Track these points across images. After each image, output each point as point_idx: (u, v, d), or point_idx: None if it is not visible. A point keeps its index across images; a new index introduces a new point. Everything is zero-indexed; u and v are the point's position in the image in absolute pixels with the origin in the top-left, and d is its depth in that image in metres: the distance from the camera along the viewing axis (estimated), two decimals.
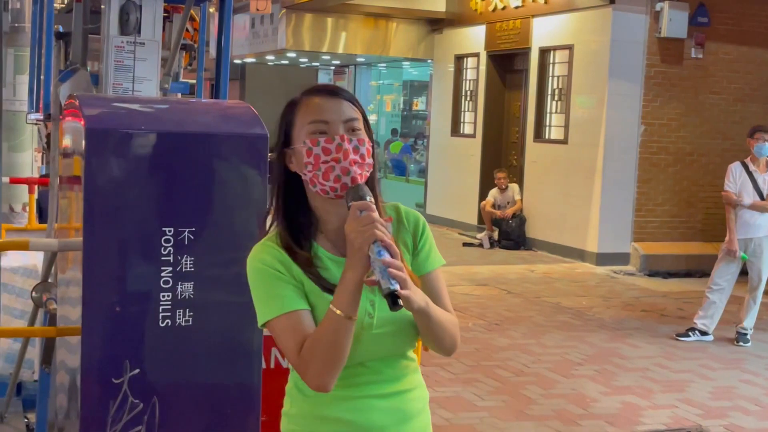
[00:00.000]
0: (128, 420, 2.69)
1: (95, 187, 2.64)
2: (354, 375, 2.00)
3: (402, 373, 2.07)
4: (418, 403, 2.10)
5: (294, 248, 1.99)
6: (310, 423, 2.03)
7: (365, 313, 1.98)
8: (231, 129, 2.85)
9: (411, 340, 2.06)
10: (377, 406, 2.01)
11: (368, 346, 1.99)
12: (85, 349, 2.67)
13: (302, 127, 2.00)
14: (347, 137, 1.96)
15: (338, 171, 1.93)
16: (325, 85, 2.08)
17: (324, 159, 1.94)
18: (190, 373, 2.77)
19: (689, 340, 7.75)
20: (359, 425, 2.00)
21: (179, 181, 2.71)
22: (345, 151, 1.94)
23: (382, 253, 1.83)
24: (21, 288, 4.94)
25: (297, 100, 2.05)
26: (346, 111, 2.00)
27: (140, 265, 2.68)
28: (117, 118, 2.81)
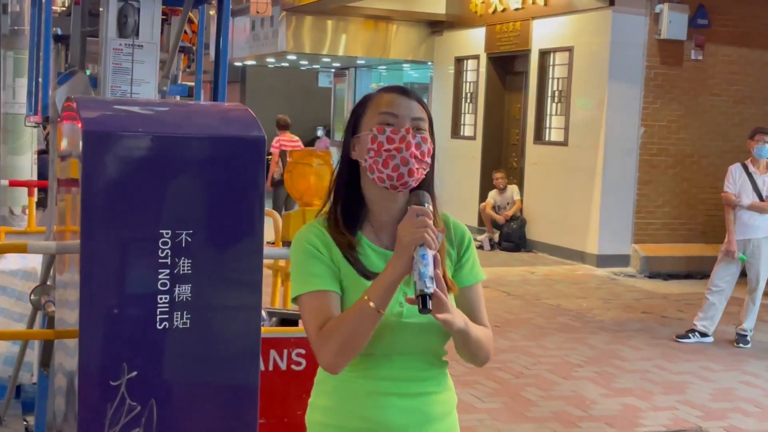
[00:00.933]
0: (126, 422, 2.68)
1: (92, 190, 2.64)
2: (379, 367, 2.05)
3: (428, 374, 2.11)
4: (442, 407, 2.14)
5: (340, 231, 2.08)
6: (334, 414, 2.09)
7: (396, 301, 2.03)
8: (229, 131, 2.84)
9: (441, 337, 2.11)
10: (398, 404, 2.05)
11: (397, 335, 2.04)
12: (83, 351, 2.67)
13: (372, 116, 2.09)
14: (412, 132, 2.06)
15: (398, 160, 2.03)
16: (399, 86, 2.18)
17: (387, 147, 2.04)
18: (188, 375, 2.76)
19: (689, 341, 7.75)
20: (378, 423, 2.05)
21: (177, 184, 2.70)
22: (408, 142, 2.04)
23: (426, 257, 1.90)
24: (20, 291, 4.94)
25: (370, 96, 2.16)
26: (415, 110, 2.10)
27: (138, 267, 2.68)
28: (115, 120, 2.80)
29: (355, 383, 2.05)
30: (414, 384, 2.08)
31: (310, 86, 22.35)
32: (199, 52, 4.33)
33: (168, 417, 2.74)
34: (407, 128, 2.05)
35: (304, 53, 16.04)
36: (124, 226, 2.66)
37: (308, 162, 5.14)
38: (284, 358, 3.68)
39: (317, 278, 2.03)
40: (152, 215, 2.69)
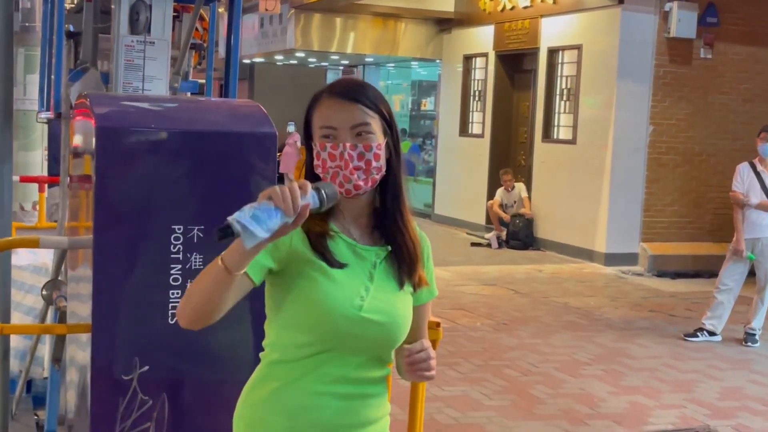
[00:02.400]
0: (138, 416, 2.71)
1: (105, 185, 2.66)
2: (323, 365, 1.99)
3: (374, 376, 2.06)
4: (377, 411, 2.09)
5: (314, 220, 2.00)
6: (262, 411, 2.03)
7: (357, 295, 2.01)
8: (240, 127, 2.87)
9: (395, 342, 2.07)
10: (333, 405, 2.01)
11: (353, 328, 1.99)
12: (95, 346, 2.70)
13: (317, 129, 2.06)
14: (351, 144, 2.01)
15: (341, 178, 2.00)
16: (345, 84, 2.09)
17: (329, 164, 2.01)
18: (198, 370, 2.78)
19: (697, 340, 7.75)
20: (309, 420, 2.00)
21: (189, 179, 2.73)
22: (346, 160, 2.00)
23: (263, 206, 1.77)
24: (31, 285, 4.97)
25: (318, 97, 2.10)
26: (357, 116, 2.03)
27: (150, 262, 2.70)
28: (127, 116, 2.83)
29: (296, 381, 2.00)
30: (356, 385, 2.03)
31: (318, 84, 22.35)
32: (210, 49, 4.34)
33: (179, 411, 2.76)
34: (344, 143, 2.00)
35: (312, 51, 16.05)
36: (137, 221, 2.69)
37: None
38: None
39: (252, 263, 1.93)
40: (164, 210, 2.71)
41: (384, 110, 2.07)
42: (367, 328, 2.00)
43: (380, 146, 2.03)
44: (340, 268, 2.00)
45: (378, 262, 2.07)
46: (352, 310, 1.99)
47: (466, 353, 7.02)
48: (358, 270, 2.03)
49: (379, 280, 2.05)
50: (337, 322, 1.97)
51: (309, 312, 1.98)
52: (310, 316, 1.98)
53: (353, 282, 2.01)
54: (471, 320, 8.19)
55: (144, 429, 2.71)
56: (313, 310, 1.98)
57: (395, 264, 2.08)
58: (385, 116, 2.07)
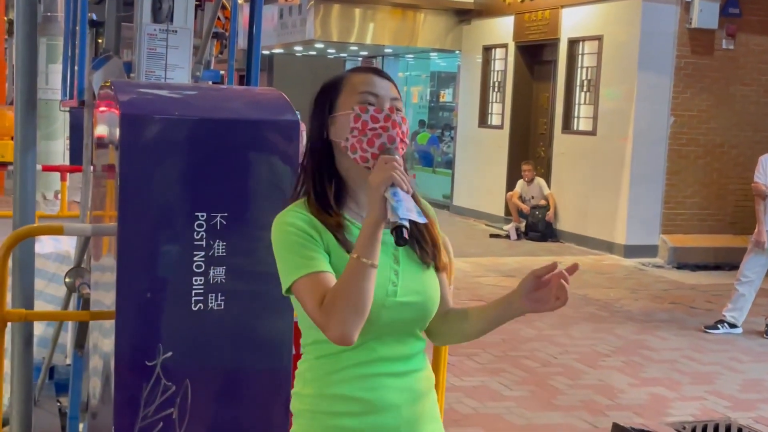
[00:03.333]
0: (161, 402, 2.72)
1: (129, 172, 2.67)
2: (368, 351, 2.01)
3: (413, 352, 2.08)
4: (427, 383, 2.12)
5: (326, 212, 2.03)
6: (322, 402, 2.03)
7: (389, 281, 2.01)
8: (263, 115, 2.87)
9: (430, 314, 2.09)
10: (391, 384, 2.02)
11: (394, 314, 2.01)
12: (119, 332, 2.71)
13: (350, 95, 2.06)
14: (395, 110, 2.04)
15: (384, 138, 2.00)
16: (371, 66, 2.20)
17: (372, 126, 2.00)
18: (221, 356, 2.79)
19: (718, 332, 7.71)
20: (373, 404, 2.01)
21: (212, 167, 2.73)
22: (393, 121, 2.01)
23: (398, 194, 1.85)
24: (54, 273, 5.00)
25: (343, 76, 2.12)
26: (392, 90, 2.09)
27: (173, 249, 2.71)
28: (151, 103, 2.84)
29: (345, 370, 2.00)
30: (404, 362, 2.05)
31: None
32: (232, 38, 4.34)
33: (201, 398, 2.78)
34: (391, 107, 2.03)
35: (331, 41, 16.04)
36: (160, 208, 2.70)
37: None
38: None
39: (315, 260, 1.96)
40: (188, 198, 2.72)
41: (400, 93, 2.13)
42: (405, 310, 2.03)
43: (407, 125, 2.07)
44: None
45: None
46: (388, 298, 2.00)
47: (485, 344, 7.02)
48: (381, 255, 1.99)
49: (404, 260, 2.06)
50: (378, 313, 1.97)
51: None
52: None
53: (382, 268, 1.99)
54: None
55: (167, 415, 2.73)
56: None
57: (415, 243, 2.09)
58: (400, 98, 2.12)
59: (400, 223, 1.82)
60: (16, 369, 3.58)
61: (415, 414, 2.06)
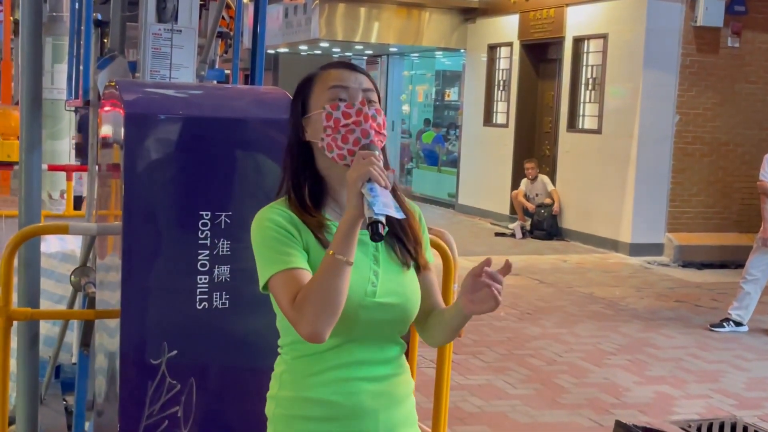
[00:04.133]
0: (166, 400, 2.73)
1: (134, 171, 2.68)
2: (346, 353, 1.98)
3: (392, 356, 2.05)
4: (405, 388, 2.09)
5: (308, 211, 2.01)
6: (298, 405, 2.00)
7: (368, 281, 1.98)
8: (267, 114, 2.88)
9: (410, 320, 2.05)
10: (367, 389, 1.99)
11: (372, 315, 1.97)
12: (124, 330, 2.72)
13: (321, 93, 2.03)
14: (366, 104, 1.99)
15: (358, 133, 1.96)
16: (342, 61, 2.11)
17: (344, 123, 1.97)
18: (226, 355, 2.80)
19: (723, 330, 7.70)
20: (350, 409, 1.98)
21: (216, 165, 2.74)
22: (366, 114, 1.97)
23: (375, 190, 1.83)
24: (59, 273, 5.02)
25: (314, 74, 2.09)
26: (364, 82, 2.04)
27: (178, 248, 2.72)
28: (155, 103, 2.85)
29: (322, 373, 1.98)
30: (382, 366, 2.02)
31: None
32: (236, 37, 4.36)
33: (207, 396, 2.79)
34: (361, 100, 1.98)
35: (336, 40, 16.04)
36: (165, 207, 2.71)
37: None
38: None
39: (291, 257, 1.93)
40: (192, 196, 2.73)
41: (377, 88, 2.09)
42: (384, 311, 1.99)
43: (384, 117, 2.03)
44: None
45: (379, 243, 2.02)
46: (367, 298, 1.97)
47: (491, 342, 7.02)
48: (361, 255, 1.99)
49: (384, 261, 2.03)
50: (356, 313, 1.95)
51: None
52: None
53: (361, 269, 1.98)
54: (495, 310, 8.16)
55: (172, 413, 2.74)
56: None
57: (395, 244, 2.06)
58: (377, 90, 2.08)
59: (375, 219, 1.79)
60: (21, 368, 3.59)
61: (392, 419, 2.03)
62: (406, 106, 20.60)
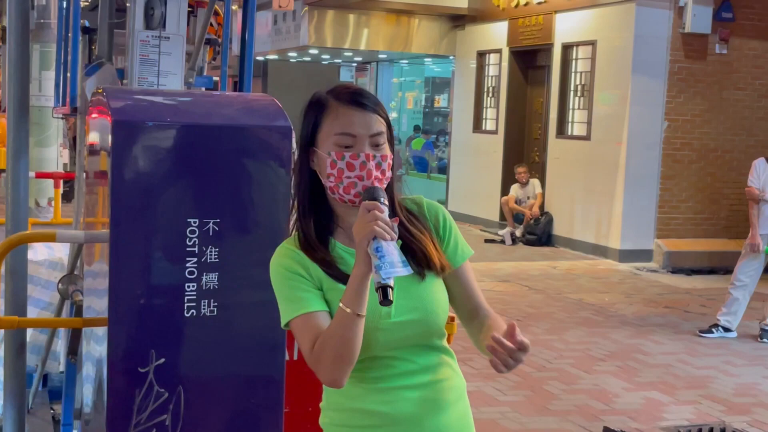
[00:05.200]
0: (154, 409, 2.72)
1: (121, 179, 2.67)
2: (385, 367, 2.04)
3: (431, 363, 2.08)
4: (452, 393, 2.11)
5: (313, 247, 2.04)
6: (344, 415, 2.08)
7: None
8: (255, 121, 2.87)
9: (437, 329, 2.08)
10: (408, 396, 2.04)
11: (391, 335, 2.02)
12: (112, 339, 2.71)
13: (329, 134, 2.02)
14: (371, 154, 2.00)
15: (359, 188, 1.99)
16: (354, 93, 2.06)
17: (347, 174, 1.99)
18: (214, 363, 2.79)
19: (712, 336, 7.72)
20: (391, 416, 2.03)
21: (204, 173, 2.73)
22: (368, 170, 1.99)
23: (381, 249, 1.87)
24: (47, 280, 4.99)
25: (325, 102, 2.06)
26: (374, 125, 2.03)
27: (166, 255, 2.71)
28: (143, 110, 2.84)
29: (363, 384, 2.04)
30: (420, 375, 2.06)
31: (331, 81, 22.39)
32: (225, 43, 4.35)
33: (195, 404, 2.77)
34: (366, 154, 1.98)
35: (326, 47, 16.05)
36: (153, 215, 2.70)
37: None
38: None
39: (304, 301, 2.00)
40: (180, 204, 2.72)
41: (386, 115, 2.09)
42: (403, 329, 2.03)
43: (392, 156, 2.05)
44: None
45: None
46: (382, 321, 2.00)
47: None
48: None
49: (397, 280, 2.00)
50: (374, 337, 2.00)
51: None
52: None
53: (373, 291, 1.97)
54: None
55: (160, 421, 2.72)
56: None
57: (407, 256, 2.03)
58: (388, 122, 2.08)
59: (383, 284, 1.85)
60: (9, 376, 3.57)
61: (439, 425, 2.06)
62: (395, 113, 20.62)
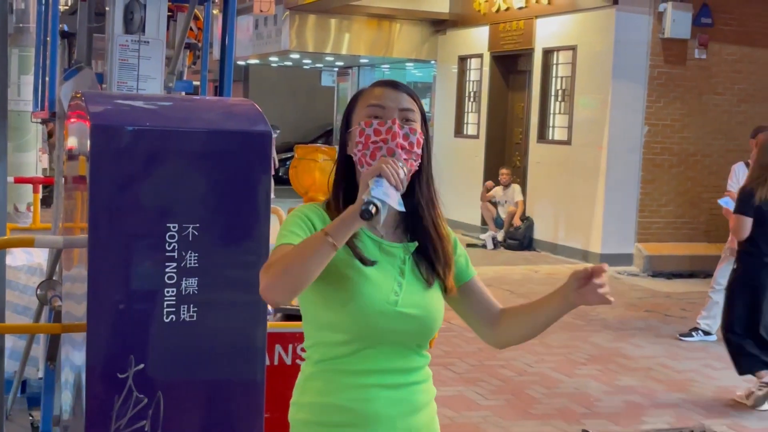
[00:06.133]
0: (133, 414, 2.70)
1: (100, 183, 2.66)
2: (367, 360, 2.04)
3: (414, 364, 2.11)
4: (425, 396, 2.14)
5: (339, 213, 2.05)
6: (316, 411, 2.07)
7: (392, 291, 2.04)
8: (235, 126, 2.86)
9: (431, 334, 2.12)
10: (384, 396, 2.05)
11: (391, 324, 2.03)
12: (91, 344, 2.69)
13: (361, 110, 2.10)
14: (399, 123, 2.05)
15: (384, 151, 2.02)
16: (390, 80, 2.18)
17: (374, 139, 2.04)
18: (194, 368, 2.78)
19: (692, 340, 7.76)
20: (366, 415, 2.04)
21: (184, 178, 2.72)
22: (394, 133, 2.03)
23: (380, 182, 1.89)
24: (25, 285, 4.96)
25: (362, 91, 2.16)
26: (404, 101, 2.11)
27: (145, 260, 2.69)
28: (122, 114, 2.82)
29: (342, 378, 2.04)
30: (401, 375, 2.07)
31: (313, 85, 22.37)
32: (205, 49, 4.34)
33: (174, 410, 2.76)
34: (393, 119, 2.04)
35: (307, 52, 16.05)
36: (132, 220, 2.68)
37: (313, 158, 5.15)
38: (289, 352, 3.69)
39: (296, 236, 2.01)
40: (159, 209, 2.71)
41: (424, 113, 2.15)
42: (404, 322, 2.05)
43: (422, 135, 2.08)
44: (371, 265, 2.03)
45: (407, 258, 2.10)
46: (388, 306, 2.02)
47: (462, 353, 7.02)
48: (388, 266, 2.06)
49: (409, 275, 2.08)
50: (376, 319, 2.01)
51: (347, 311, 2.01)
52: (348, 315, 2.01)
53: (386, 278, 2.04)
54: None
55: (139, 427, 2.71)
56: (351, 308, 2.01)
57: (423, 262, 2.11)
58: (424, 117, 2.14)
59: (369, 200, 1.85)
60: None
61: (410, 426, 2.08)
62: None
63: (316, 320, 2.07)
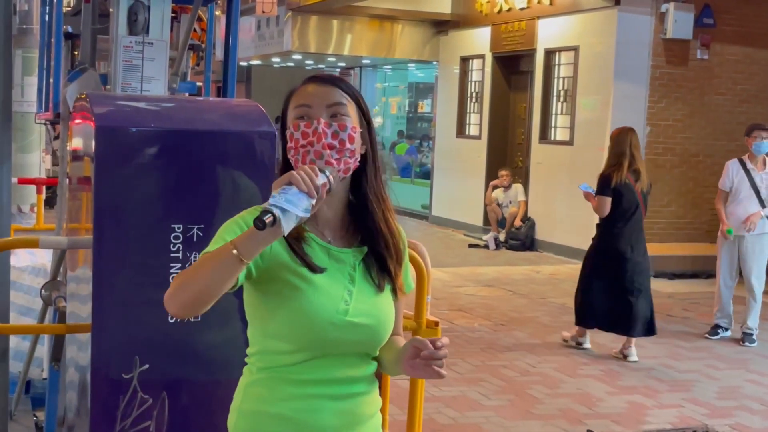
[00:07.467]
0: (138, 415, 2.71)
1: (105, 184, 2.67)
2: (312, 369, 1.96)
3: (361, 375, 2.03)
4: (371, 407, 2.06)
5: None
6: (259, 421, 1.98)
7: (341, 300, 1.96)
8: (239, 126, 2.87)
9: (382, 341, 2.04)
10: (330, 407, 1.97)
11: (342, 335, 1.95)
12: (96, 345, 2.70)
13: (291, 111, 2.00)
14: (326, 121, 1.94)
15: (312, 155, 1.91)
16: (321, 73, 2.05)
17: (302, 143, 1.93)
18: (198, 368, 2.79)
19: (718, 338, 7.84)
20: (310, 426, 1.96)
21: (188, 178, 2.73)
22: (319, 134, 1.92)
23: (287, 190, 1.76)
24: (29, 286, 4.97)
25: (294, 89, 2.05)
26: (333, 96, 1.98)
27: (149, 261, 2.70)
28: (126, 115, 2.83)
29: (287, 387, 1.96)
30: (348, 386, 1.99)
31: None
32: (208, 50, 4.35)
33: (179, 410, 2.77)
34: (318, 119, 1.92)
35: (309, 53, 16.05)
36: (136, 220, 2.69)
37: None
38: None
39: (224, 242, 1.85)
40: (164, 209, 2.72)
41: (360, 101, 2.03)
42: (354, 331, 1.96)
43: (355, 129, 1.96)
44: (321, 272, 1.94)
45: (357, 264, 2.01)
46: (338, 316, 1.94)
47: (464, 354, 7.03)
48: (337, 274, 1.97)
49: (359, 282, 2.00)
50: (325, 330, 1.93)
51: (295, 321, 1.92)
52: (296, 325, 1.92)
53: (335, 286, 1.96)
54: (469, 321, 8.19)
55: (144, 428, 2.72)
56: (299, 319, 1.92)
57: (373, 265, 2.02)
58: (361, 106, 2.02)
59: (268, 207, 1.73)
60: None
61: None
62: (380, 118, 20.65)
63: (263, 328, 1.98)
